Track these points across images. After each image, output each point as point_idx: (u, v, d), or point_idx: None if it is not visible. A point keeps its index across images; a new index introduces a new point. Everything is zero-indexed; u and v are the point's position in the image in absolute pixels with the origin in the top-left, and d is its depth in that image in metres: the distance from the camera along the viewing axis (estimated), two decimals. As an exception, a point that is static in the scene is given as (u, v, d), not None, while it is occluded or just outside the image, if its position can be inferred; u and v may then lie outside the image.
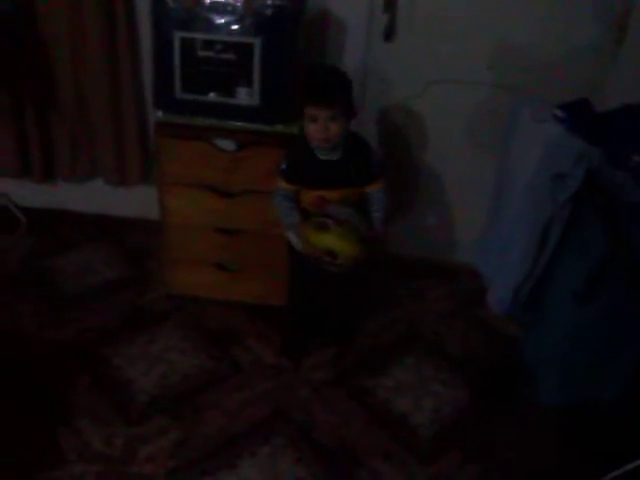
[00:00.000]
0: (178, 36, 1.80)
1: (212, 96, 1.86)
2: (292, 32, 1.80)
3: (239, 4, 1.76)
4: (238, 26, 1.77)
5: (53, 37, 2.15)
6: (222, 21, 1.78)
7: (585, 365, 1.54)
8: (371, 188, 1.76)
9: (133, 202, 2.44)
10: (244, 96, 1.84)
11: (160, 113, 1.93)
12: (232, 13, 1.77)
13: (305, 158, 1.72)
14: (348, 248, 1.64)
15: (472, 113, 2.13)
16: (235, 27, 1.77)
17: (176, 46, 1.81)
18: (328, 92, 1.63)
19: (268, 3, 1.75)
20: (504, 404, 1.90)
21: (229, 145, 1.92)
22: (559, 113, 1.49)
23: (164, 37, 1.81)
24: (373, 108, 2.16)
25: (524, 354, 1.73)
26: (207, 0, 1.77)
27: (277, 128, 1.88)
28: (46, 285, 2.22)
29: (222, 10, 1.77)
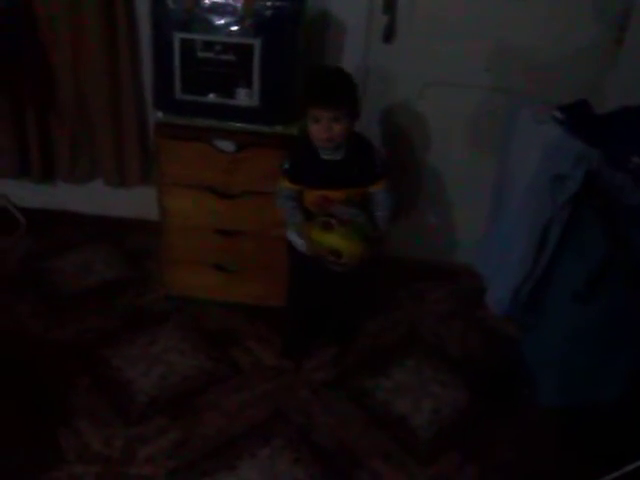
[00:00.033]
0: (178, 37, 1.80)
1: (212, 97, 1.86)
2: (292, 33, 1.80)
3: (239, 5, 1.76)
4: (238, 27, 1.77)
5: (53, 38, 2.15)
6: (222, 22, 1.78)
7: (584, 366, 1.54)
8: (374, 188, 1.76)
9: (133, 203, 2.43)
10: (244, 97, 1.84)
11: (160, 114, 1.93)
12: (232, 14, 1.77)
13: (308, 158, 1.72)
14: (352, 248, 1.64)
15: (471, 114, 2.13)
16: (235, 28, 1.77)
17: (176, 47, 1.81)
18: (331, 93, 1.63)
19: (268, 4, 1.75)
20: (503, 405, 1.90)
21: (229, 146, 1.92)
22: (558, 114, 1.49)
23: (164, 38, 1.81)
24: (372, 109, 2.16)
25: (523, 355, 1.73)
26: (207, 1, 1.77)
27: (277, 129, 1.88)
28: (45, 286, 2.22)
29: (222, 11, 1.77)
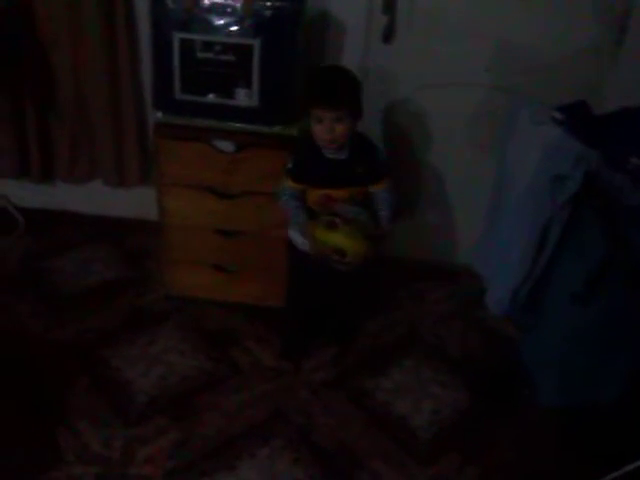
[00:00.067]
0: (177, 37, 1.79)
1: (211, 97, 1.86)
2: (291, 33, 1.80)
3: (238, 5, 1.76)
4: (237, 27, 1.77)
5: (52, 38, 2.15)
6: (221, 22, 1.77)
7: (584, 367, 1.54)
8: (376, 188, 1.76)
9: (132, 203, 2.43)
10: (243, 97, 1.84)
11: (159, 114, 1.93)
12: (231, 14, 1.76)
13: (312, 157, 1.72)
14: (356, 246, 1.65)
15: (471, 114, 2.13)
16: (234, 28, 1.77)
17: (175, 47, 1.80)
18: (334, 94, 1.63)
19: (267, 4, 1.75)
20: (503, 405, 1.90)
21: (228, 146, 1.92)
22: (557, 115, 1.49)
23: (163, 38, 1.81)
24: (371, 109, 2.15)
25: (522, 356, 1.73)
26: (206, 1, 1.77)
27: (276, 129, 1.88)
28: (45, 286, 2.22)
29: (221, 11, 1.77)
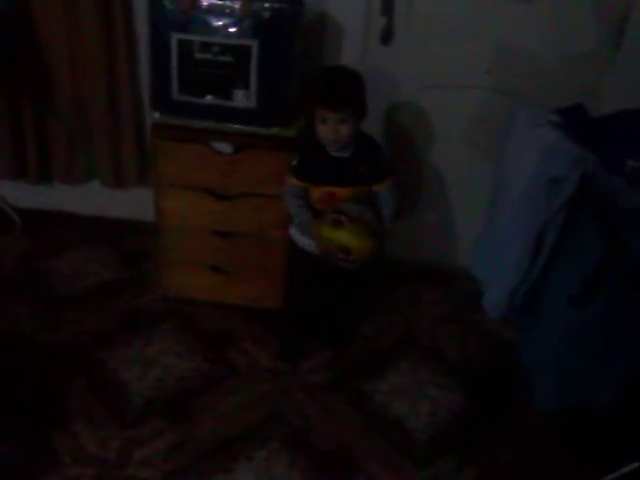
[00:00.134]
0: (175, 38, 1.79)
1: (209, 98, 1.86)
2: (290, 35, 1.80)
3: (237, 6, 1.76)
4: (235, 28, 1.77)
5: (50, 38, 2.14)
6: (219, 23, 1.78)
7: (580, 369, 1.54)
8: (379, 187, 1.77)
9: (129, 204, 2.43)
10: (241, 98, 1.84)
11: (157, 115, 1.93)
12: (229, 15, 1.77)
13: (315, 154, 1.73)
14: (362, 244, 1.66)
15: (470, 117, 2.13)
16: (232, 29, 1.77)
17: (173, 48, 1.80)
18: (338, 95, 1.64)
19: (265, 6, 1.75)
20: (500, 408, 1.90)
21: (226, 147, 1.92)
22: (555, 118, 1.49)
23: (161, 39, 1.81)
24: (370, 111, 2.15)
25: (519, 358, 1.73)
26: (205, 2, 1.77)
27: (274, 131, 1.88)
28: (42, 287, 2.22)
29: (219, 12, 1.77)
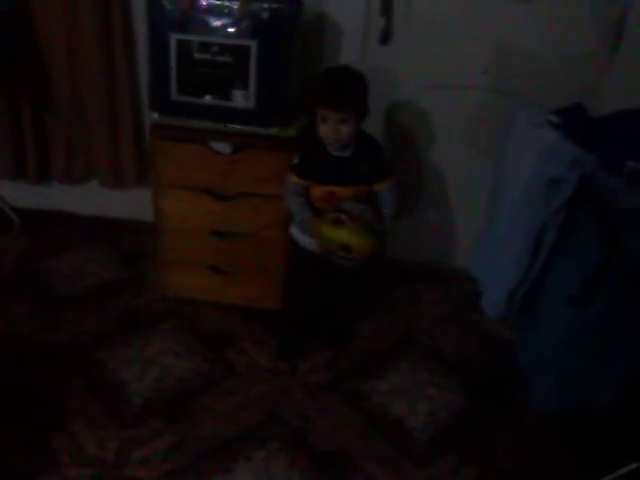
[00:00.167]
0: (174, 38, 1.79)
1: (208, 98, 1.85)
2: (288, 35, 1.80)
3: (235, 6, 1.76)
4: (234, 29, 1.77)
5: (49, 38, 2.14)
6: (218, 23, 1.77)
7: (579, 369, 1.54)
8: (380, 186, 1.77)
9: (128, 204, 2.42)
10: (240, 99, 1.84)
11: (156, 115, 1.92)
12: (228, 15, 1.76)
13: (316, 153, 1.74)
14: (362, 243, 1.66)
15: (469, 117, 2.13)
16: (231, 30, 1.77)
17: (172, 48, 1.80)
18: (339, 96, 1.64)
19: (264, 6, 1.75)
20: (499, 408, 1.90)
21: (225, 148, 1.92)
22: (554, 118, 1.49)
23: (160, 39, 1.81)
24: (369, 111, 2.16)
25: (518, 358, 1.73)
26: (203, 2, 1.77)
27: (273, 131, 1.88)
28: (41, 287, 2.21)
29: (218, 12, 1.77)
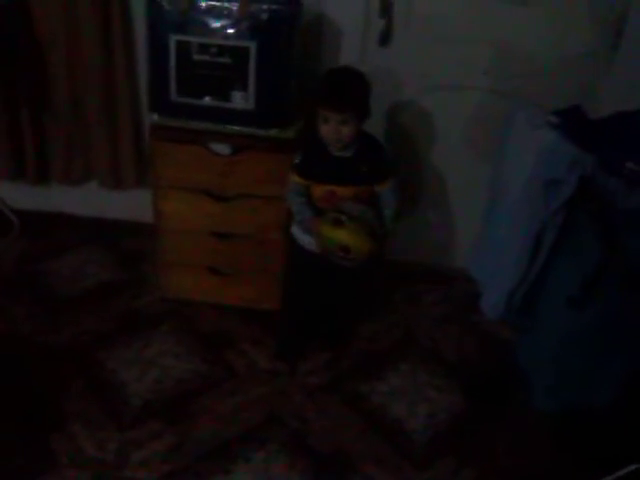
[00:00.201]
0: (174, 39, 1.79)
1: (207, 100, 1.86)
2: (288, 36, 1.80)
3: (235, 8, 1.76)
4: (234, 30, 1.77)
5: (48, 38, 2.14)
6: (218, 25, 1.77)
7: (579, 370, 1.54)
8: (381, 187, 1.77)
9: (128, 205, 2.42)
10: (239, 100, 1.84)
11: (155, 116, 1.92)
12: (228, 17, 1.77)
13: (318, 153, 1.74)
14: (361, 243, 1.66)
15: (468, 118, 2.13)
16: (231, 31, 1.77)
17: (171, 49, 1.80)
18: (341, 97, 1.65)
19: (264, 7, 1.75)
20: (499, 409, 1.90)
21: (224, 149, 1.91)
22: (553, 119, 1.49)
23: (159, 40, 1.81)
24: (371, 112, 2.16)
25: (518, 359, 1.73)
26: (203, 3, 1.77)
27: (272, 132, 1.88)
28: (40, 288, 2.21)
29: (218, 14, 1.77)
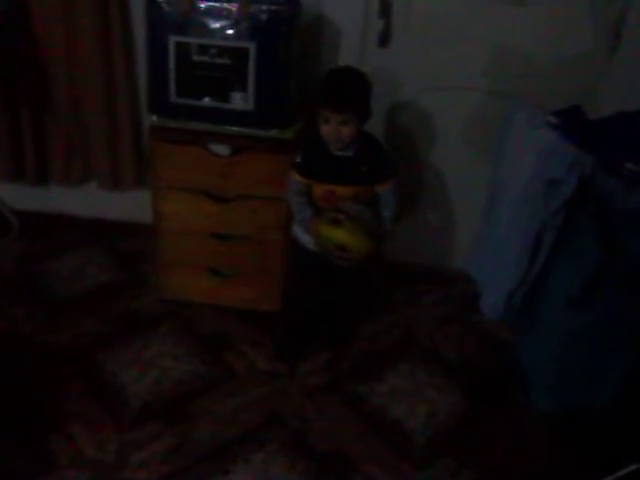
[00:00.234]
0: (173, 40, 1.79)
1: (207, 101, 1.86)
2: (287, 37, 1.80)
3: (234, 9, 1.76)
4: (233, 31, 1.77)
5: (47, 39, 2.14)
6: (217, 26, 1.78)
7: (579, 370, 1.54)
8: (381, 188, 1.77)
9: (127, 206, 2.42)
10: (239, 101, 1.84)
11: (154, 117, 1.92)
12: (227, 18, 1.77)
13: (318, 152, 1.74)
14: (358, 243, 1.67)
15: (467, 119, 2.13)
16: (230, 32, 1.77)
17: (171, 50, 1.80)
18: (341, 98, 1.65)
19: (263, 8, 1.75)
20: (499, 409, 1.90)
21: (223, 150, 1.91)
22: (552, 120, 1.49)
23: (159, 41, 1.81)
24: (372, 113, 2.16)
25: (518, 359, 1.73)
26: (202, 4, 1.77)
27: (272, 133, 1.88)
28: (40, 289, 2.21)
29: (217, 15, 1.77)
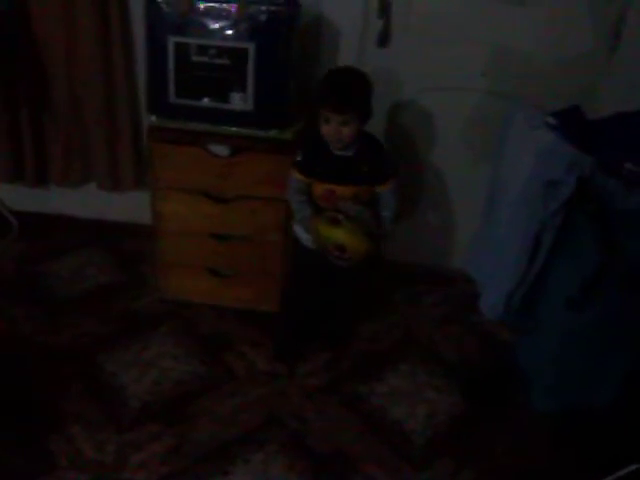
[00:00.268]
0: (172, 41, 1.79)
1: (206, 101, 1.86)
2: (286, 37, 1.80)
3: (233, 9, 1.76)
4: (232, 31, 1.77)
5: (47, 39, 2.14)
6: (216, 26, 1.77)
7: (578, 371, 1.54)
8: (381, 188, 1.77)
9: (127, 207, 2.42)
10: (238, 101, 1.84)
11: (154, 118, 1.92)
12: (226, 18, 1.77)
13: (319, 151, 1.74)
14: (357, 243, 1.67)
15: (467, 119, 2.13)
16: (229, 32, 1.77)
17: (170, 51, 1.80)
18: (342, 98, 1.65)
19: (262, 8, 1.75)
20: (498, 410, 1.90)
21: (223, 150, 1.91)
22: (551, 120, 1.49)
23: (158, 42, 1.81)
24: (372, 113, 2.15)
25: (518, 360, 1.73)
26: (201, 5, 1.77)
27: (271, 133, 1.88)
28: (40, 289, 2.21)
29: (216, 15, 1.77)
